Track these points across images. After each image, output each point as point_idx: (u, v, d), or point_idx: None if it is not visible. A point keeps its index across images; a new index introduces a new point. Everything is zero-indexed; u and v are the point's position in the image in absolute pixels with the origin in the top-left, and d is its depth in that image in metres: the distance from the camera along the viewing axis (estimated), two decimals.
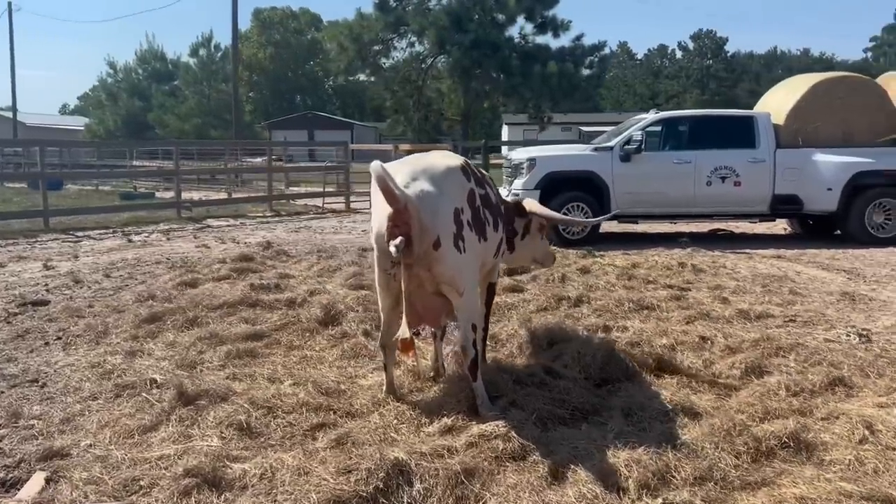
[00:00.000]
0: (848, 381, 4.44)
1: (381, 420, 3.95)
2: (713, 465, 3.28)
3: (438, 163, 4.01)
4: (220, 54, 47.57)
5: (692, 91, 75.59)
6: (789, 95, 11.76)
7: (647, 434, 3.66)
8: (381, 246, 3.82)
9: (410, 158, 4.15)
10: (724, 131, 11.38)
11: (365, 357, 5.12)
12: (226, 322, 5.80)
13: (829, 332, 5.80)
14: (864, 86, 11.63)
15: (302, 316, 5.80)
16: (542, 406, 3.94)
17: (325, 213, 17.87)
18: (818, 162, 11.12)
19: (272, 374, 4.66)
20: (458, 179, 4.02)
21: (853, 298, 7.18)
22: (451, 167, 4.01)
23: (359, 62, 22.73)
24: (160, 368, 4.77)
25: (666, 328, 5.64)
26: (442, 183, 3.87)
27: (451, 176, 3.98)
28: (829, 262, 9.68)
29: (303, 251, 10.26)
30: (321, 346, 5.33)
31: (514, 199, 4.73)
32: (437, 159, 4.08)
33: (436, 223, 3.74)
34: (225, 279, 7.76)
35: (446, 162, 4.06)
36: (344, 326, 5.65)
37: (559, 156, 11.60)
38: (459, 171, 4.05)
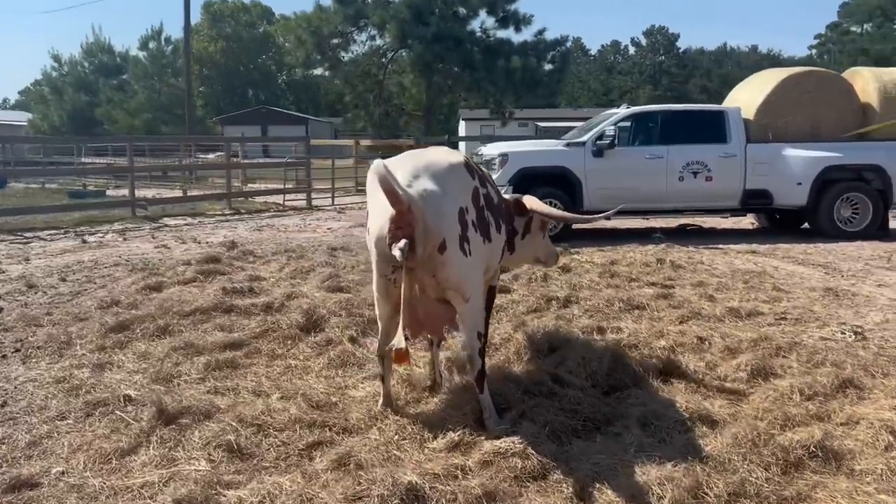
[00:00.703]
0: (857, 383, 4.32)
1: (382, 436, 3.68)
2: (744, 479, 3.10)
3: (441, 160, 3.74)
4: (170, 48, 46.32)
5: (645, 87, 76.53)
6: (758, 90, 11.79)
7: (668, 446, 3.47)
8: (381, 250, 3.54)
9: (409, 156, 3.88)
10: (696, 126, 11.35)
11: (353, 366, 4.83)
12: (200, 330, 5.44)
13: (824, 330, 5.72)
14: (831, 81, 11.71)
15: (282, 322, 5.47)
16: (554, 417, 3.71)
17: (287, 211, 17.40)
18: (788, 157, 11.16)
19: (257, 387, 4.34)
20: (462, 177, 3.77)
21: (837, 294, 7.14)
22: (454, 164, 3.74)
23: (317, 56, 22.23)
24: (134, 383, 4.41)
25: (662, 329, 5.48)
26: (445, 181, 3.61)
27: (454, 173, 3.72)
28: (803, 256, 9.69)
29: (269, 251, 9.87)
30: (305, 354, 5.01)
31: (513, 196, 4.50)
32: (440, 156, 3.82)
33: (441, 225, 3.48)
34: (192, 282, 7.37)
35: (449, 158, 3.80)
36: (327, 333, 5.34)
37: (532, 151, 11.42)
38: (463, 169, 3.80)
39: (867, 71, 12.16)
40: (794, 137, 11.34)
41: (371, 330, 5.44)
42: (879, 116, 11.41)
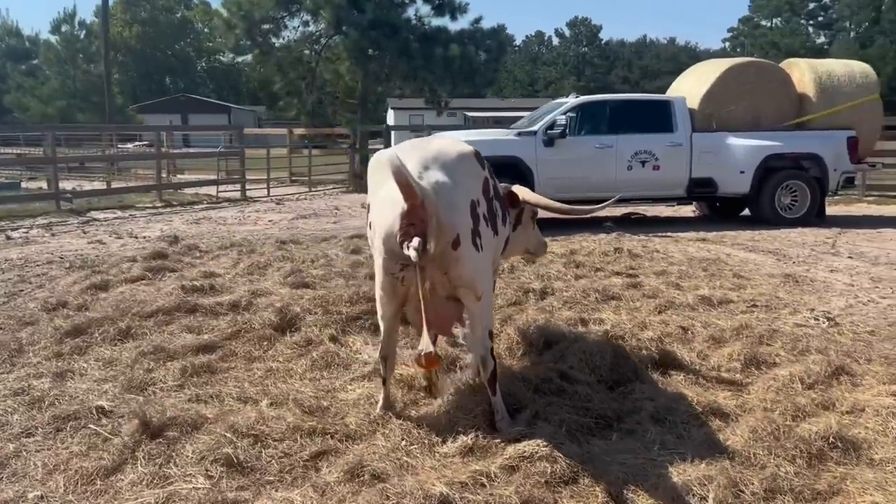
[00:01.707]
0: (848, 370, 4.37)
1: (388, 442, 3.47)
2: (775, 474, 3.04)
3: (450, 149, 3.55)
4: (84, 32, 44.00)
5: (569, 77, 77.67)
6: (702, 80, 12.00)
7: (689, 443, 3.39)
8: (389, 247, 3.32)
9: (413, 145, 3.66)
10: (643, 116, 11.46)
11: (339, 367, 4.59)
12: (166, 332, 5.08)
13: (796, 317, 5.80)
14: (770, 71, 12.02)
15: (254, 322, 5.16)
16: (568, 416, 3.59)
17: (221, 203, 16.80)
18: (731, 145, 11.40)
19: (241, 394, 4.05)
20: (473, 168, 3.58)
21: (796, 280, 7.30)
22: (463, 154, 3.55)
23: (247, 41, 21.47)
24: (104, 392, 4.05)
25: (644, 320, 5.44)
26: (456, 172, 3.42)
27: (465, 164, 3.53)
28: (751, 243, 9.91)
29: (215, 245, 9.41)
30: (285, 355, 4.74)
31: (504, 186, 4.34)
32: (447, 145, 3.62)
33: (454, 219, 3.29)
34: (140, 280, 6.93)
35: (458, 148, 3.60)
36: (305, 332, 5.06)
37: (482, 141, 11.25)
38: (473, 158, 3.62)
39: (803, 62, 12.54)
40: (736, 127, 11.60)
41: (351, 328, 5.21)
42: (815, 106, 11.78)
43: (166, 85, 72.72)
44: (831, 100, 11.74)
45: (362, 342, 4.94)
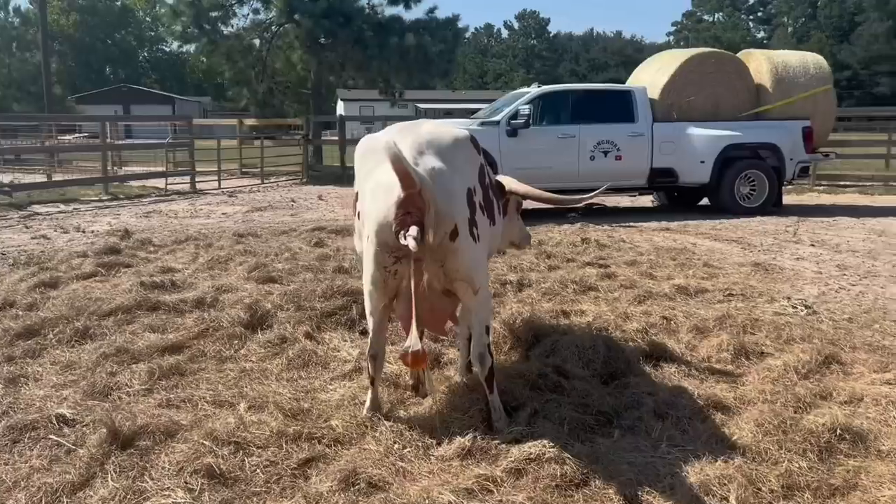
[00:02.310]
0: (837, 358, 4.32)
1: (379, 445, 3.26)
2: (790, 470, 2.93)
3: (444, 133, 3.34)
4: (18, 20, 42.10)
5: (518, 70, 77.92)
6: (662, 70, 12.01)
7: (696, 438, 3.27)
8: (383, 238, 3.10)
9: (404, 129, 3.44)
10: (605, 106, 11.42)
11: (316, 365, 4.34)
12: (128, 332, 4.75)
13: (774, 305, 5.78)
14: (729, 61, 12.10)
15: (222, 319, 4.87)
16: (568, 413, 3.43)
17: (170, 196, 16.20)
18: (692, 135, 11.44)
19: (216, 397, 3.78)
20: (469, 153, 3.39)
21: (766, 269, 7.31)
22: (459, 138, 3.36)
23: (195, 30, 20.78)
24: (64, 399, 3.73)
25: (626, 311, 5.33)
26: (453, 158, 3.22)
27: (461, 149, 3.33)
28: (714, 232, 9.95)
29: (169, 239, 9.02)
30: (259, 355, 4.47)
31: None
32: (441, 128, 3.41)
33: (452, 208, 3.10)
34: (93, 276, 6.55)
35: (453, 132, 3.40)
36: (278, 329, 4.80)
37: None
38: (470, 143, 3.42)
39: (760, 53, 12.67)
40: (696, 117, 11.65)
41: (326, 324, 4.96)
42: (772, 96, 11.91)
43: (106, 75, 70.38)
44: (787, 90, 11.88)
45: (340, 339, 4.71)
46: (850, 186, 15.93)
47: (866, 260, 7.86)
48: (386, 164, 3.16)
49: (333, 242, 8.56)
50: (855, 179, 16.21)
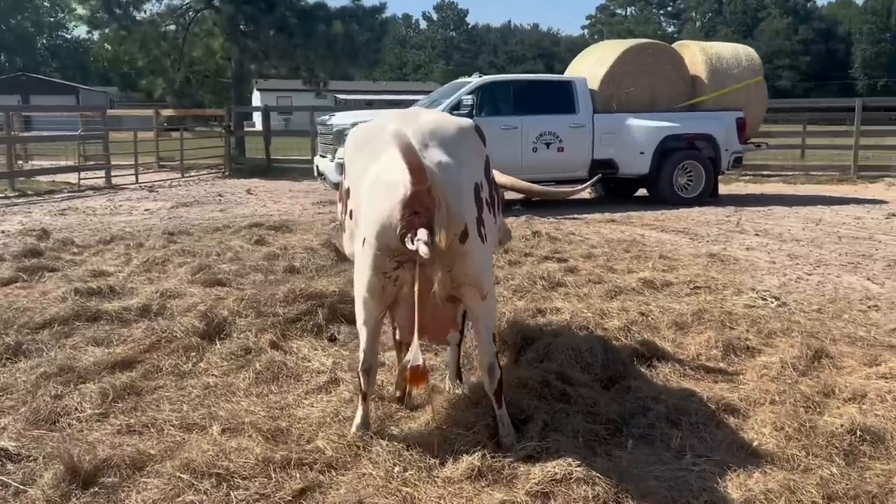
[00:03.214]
0: (826, 352, 4.25)
1: (378, 469, 2.93)
2: (824, 478, 2.78)
3: (448, 122, 3.03)
4: None
5: (438, 61, 77.76)
6: (600, 61, 11.98)
7: (716, 446, 3.09)
8: (384, 241, 2.76)
9: (399, 116, 3.12)
10: (546, 97, 11.30)
11: (288, 378, 3.96)
12: (68, 347, 4.22)
13: (743, 298, 5.73)
14: (665, 53, 12.18)
15: (175, 329, 4.40)
16: (580, 424, 3.19)
17: (85, 191, 15.18)
18: (632, 127, 11.46)
19: (183, 420, 3.36)
20: (475, 144, 3.09)
21: (722, 260, 7.31)
22: (464, 129, 3.05)
23: (105, 14, 19.56)
24: (3, 429, 3.23)
25: (601, 307, 5.15)
26: (458, 150, 2.91)
27: (466, 140, 3.03)
28: (659, 223, 9.98)
29: (92, 239, 8.32)
30: (222, 369, 4.04)
31: None
32: (443, 118, 3.11)
33: (462, 207, 2.79)
34: (13, 283, 5.91)
35: (457, 122, 3.10)
36: (239, 339, 4.37)
37: None
38: (475, 133, 3.12)
39: (694, 44, 12.82)
40: (635, 108, 11.68)
41: (291, 332, 4.57)
42: (707, 88, 12.07)
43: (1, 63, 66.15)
44: (721, 82, 12.06)
45: (309, 348, 4.33)
46: (773, 176, 16.42)
47: (813, 249, 7.98)
48: (386, 156, 2.84)
49: (275, 240, 8.07)
50: (777, 169, 16.72)
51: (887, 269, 6.91)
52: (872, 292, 6.03)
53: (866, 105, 15.73)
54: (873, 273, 6.76)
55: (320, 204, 12.58)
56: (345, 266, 6.61)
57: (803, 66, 75.97)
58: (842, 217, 10.46)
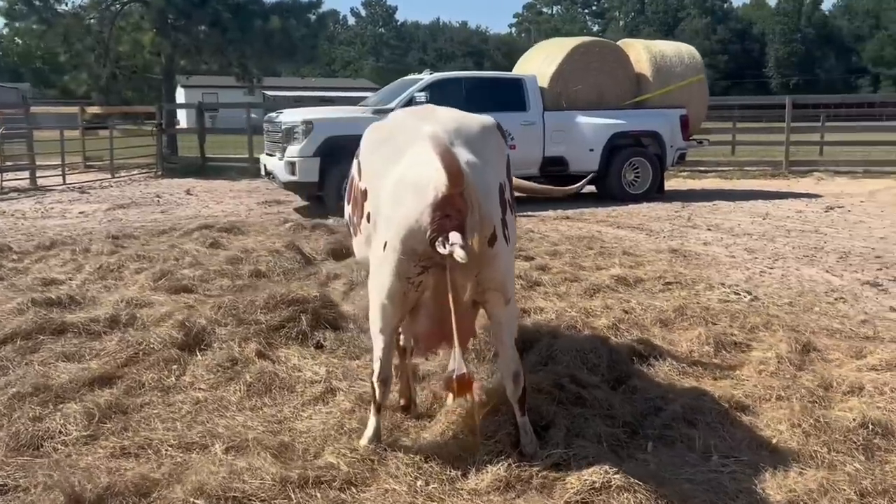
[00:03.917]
0: (814, 346, 4.33)
1: (399, 484, 2.81)
2: (851, 474, 2.80)
3: (470, 120, 2.92)
4: None
5: (367, 58, 77.15)
6: (548, 59, 12.03)
7: (736, 446, 3.08)
8: (411, 245, 2.63)
9: (416, 114, 2.98)
10: (497, 94, 11.27)
11: (281, 389, 3.76)
12: (37, 364, 3.89)
13: (715, 293, 5.80)
14: (612, 51, 12.33)
15: (152, 341, 4.13)
16: (601, 428, 3.13)
17: (9, 193, 14.34)
18: (581, 124, 11.55)
19: (180, 439, 3.14)
20: (498, 143, 2.99)
21: (684, 256, 7.42)
22: (487, 126, 2.95)
23: (23, 6, 18.52)
24: None
25: (584, 306, 5.12)
26: (482, 149, 2.81)
27: (490, 138, 2.92)
28: (612, 220, 10.08)
29: (30, 244, 7.82)
30: (209, 381, 3.81)
31: None
32: (464, 115, 2.99)
33: (492, 209, 2.69)
34: None
35: (479, 119, 2.99)
36: (223, 350, 4.13)
37: (339, 118, 10.49)
38: (498, 132, 3.02)
39: (638, 43, 13.03)
40: (583, 106, 11.78)
41: (276, 340, 4.36)
42: (652, 85, 12.28)
43: None
44: (665, 79, 12.29)
45: (298, 356, 4.13)
46: (709, 172, 16.87)
47: (767, 243, 8.20)
48: (410, 156, 2.71)
49: (231, 243, 7.76)
50: (713, 165, 17.19)
51: (841, 262, 7.15)
52: (834, 285, 6.21)
53: (796, 102, 16.31)
54: (829, 265, 6.98)
55: (266, 204, 12.25)
56: (314, 269, 6.42)
57: (721, 64, 78.61)
58: (784, 211, 10.82)
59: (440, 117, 2.92)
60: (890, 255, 7.41)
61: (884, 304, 5.62)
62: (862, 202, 11.85)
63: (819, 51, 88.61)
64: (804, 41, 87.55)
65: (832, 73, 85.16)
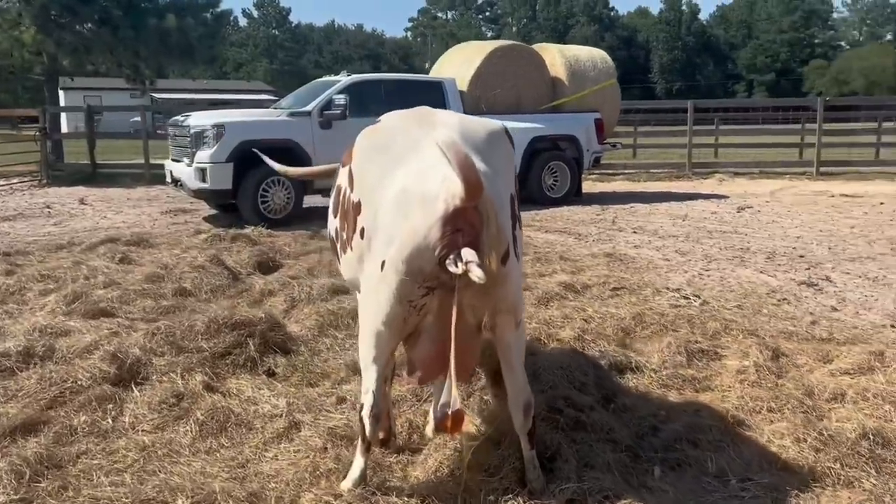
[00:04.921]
0: (782, 351, 4.30)
1: None
2: (871, 491, 2.70)
3: (476, 125, 2.64)
4: None
5: (261, 60, 75.17)
6: (466, 63, 11.87)
7: (747, 466, 2.93)
8: (417, 265, 2.32)
9: (416, 121, 2.67)
10: (417, 97, 10.88)
11: (238, 427, 3.35)
12: None
13: (664, 297, 5.74)
14: (529, 54, 12.30)
15: (79, 376, 3.60)
16: (608, 456, 2.90)
17: None
18: None
19: (134, 496, 2.69)
20: (507, 150, 2.73)
21: (620, 259, 7.38)
22: (495, 132, 2.67)
23: None
24: None
25: (543, 316, 4.94)
26: (491, 157, 2.52)
27: (500, 146, 2.65)
28: (538, 223, 10.00)
29: None
30: (153, 422, 3.34)
31: None
32: (468, 119, 2.70)
33: (505, 223, 2.42)
34: None
35: (485, 123, 2.70)
36: (162, 382, 3.66)
37: (252, 122, 9.93)
38: (506, 138, 2.75)
39: (553, 47, 13.07)
40: (502, 110, 11.66)
41: (223, 369, 3.92)
42: (567, 89, 12.34)
43: None
44: (580, 84, 12.38)
45: (251, 387, 3.71)
46: (617, 175, 17.21)
47: (694, 245, 8.31)
48: (414, 164, 2.39)
49: (142, 257, 7.13)
50: (620, 168, 17.55)
51: (770, 262, 7.30)
52: (773, 286, 6.30)
53: (697, 106, 16.88)
54: (761, 266, 7.10)
55: (171, 213, 11.46)
56: (243, 284, 5.94)
57: None
58: (699, 212, 11.08)
59: (443, 120, 2.62)
60: (812, 255, 7.64)
61: (825, 304, 5.72)
62: (767, 202, 12.32)
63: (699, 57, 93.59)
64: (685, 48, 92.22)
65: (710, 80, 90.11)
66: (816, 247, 8.10)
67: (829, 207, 11.53)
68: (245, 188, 9.58)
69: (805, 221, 10.02)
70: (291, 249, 7.75)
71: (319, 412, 3.48)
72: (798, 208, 11.47)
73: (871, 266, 7.05)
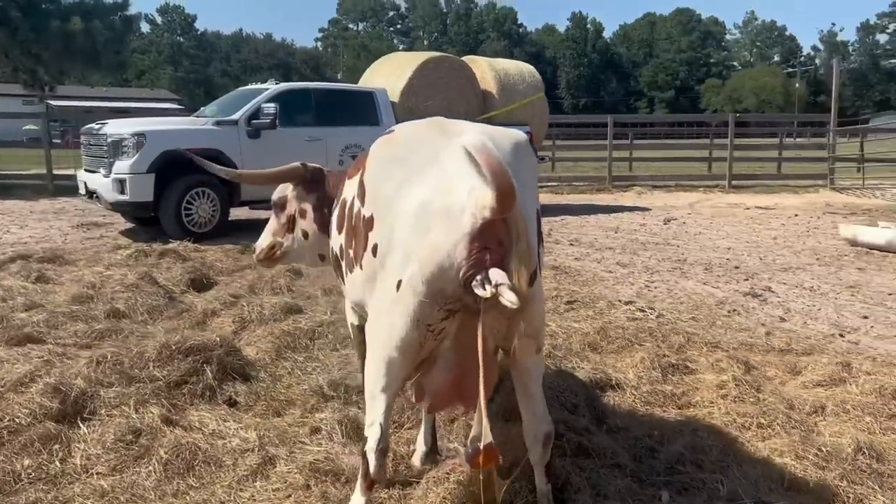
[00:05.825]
0: (751, 363, 4.31)
1: None
2: None
3: (500, 135, 2.43)
4: None
5: (165, 67, 72.57)
6: (397, 73, 11.69)
7: (755, 486, 2.85)
8: (438, 286, 2.11)
9: (436, 128, 2.47)
10: (349, 107, 10.71)
11: (206, 464, 3.02)
12: None
13: (619, 310, 5.69)
14: (460, 67, 12.22)
15: (17, 414, 3.18)
16: (619, 483, 2.76)
17: None
18: None
19: None
20: (532, 163, 2.55)
21: (566, 272, 7.35)
22: (519, 143, 2.48)
23: None
24: None
25: None
26: (517, 170, 2.31)
27: (524, 157, 2.46)
28: None
29: None
30: (109, 463, 2.97)
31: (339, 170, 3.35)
32: (488, 129, 2.49)
33: (534, 241, 2.25)
34: None
35: (508, 133, 2.51)
36: (112, 416, 3.28)
37: (175, 130, 9.40)
38: (531, 150, 2.57)
39: (482, 60, 13.06)
40: None
41: (180, 399, 3.56)
42: (497, 102, 12.34)
43: None
44: (509, 97, 12.42)
45: (215, 419, 3.38)
46: (541, 187, 17.38)
47: (633, 257, 8.39)
48: (435, 175, 2.19)
49: (61, 276, 6.56)
50: (543, 180, 17.74)
51: (708, 273, 7.43)
52: (719, 297, 6.39)
53: (616, 121, 17.30)
54: (702, 278, 7.22)
55: (83, 227, 10.71)
56: (182, 304, 5.53)
57: None
58: (628, 224, 11.28)
59: (467, 128, 2.43)
60: (746, 266, 7.84)
61: (772, 314, 5.83)
62: (689, 214, 12.69)
63: (603, 74, 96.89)
64: (591, 65, 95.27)
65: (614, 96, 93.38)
66: (748, 258, 8.33)
67: (747, 219, 11.98)
68: (167, 200, 9.05)
69: (730, 233, 10.34)
70: (224, 266, 7.32)
71: (294, 444, 3.19)
72: (719, 220, 11.86)
73: (804, 276, 7.29)
